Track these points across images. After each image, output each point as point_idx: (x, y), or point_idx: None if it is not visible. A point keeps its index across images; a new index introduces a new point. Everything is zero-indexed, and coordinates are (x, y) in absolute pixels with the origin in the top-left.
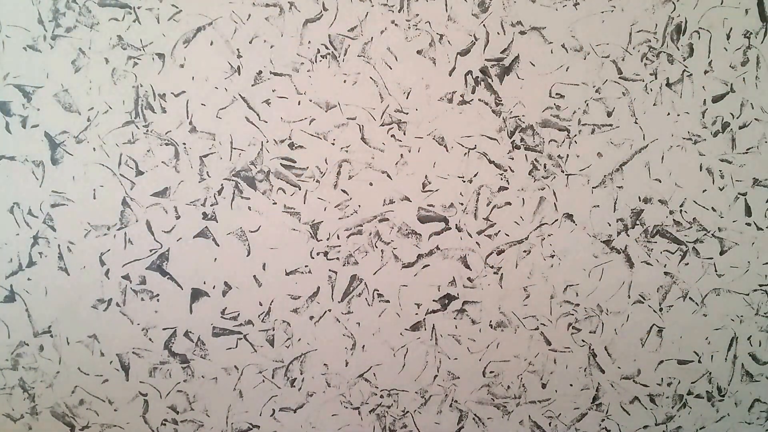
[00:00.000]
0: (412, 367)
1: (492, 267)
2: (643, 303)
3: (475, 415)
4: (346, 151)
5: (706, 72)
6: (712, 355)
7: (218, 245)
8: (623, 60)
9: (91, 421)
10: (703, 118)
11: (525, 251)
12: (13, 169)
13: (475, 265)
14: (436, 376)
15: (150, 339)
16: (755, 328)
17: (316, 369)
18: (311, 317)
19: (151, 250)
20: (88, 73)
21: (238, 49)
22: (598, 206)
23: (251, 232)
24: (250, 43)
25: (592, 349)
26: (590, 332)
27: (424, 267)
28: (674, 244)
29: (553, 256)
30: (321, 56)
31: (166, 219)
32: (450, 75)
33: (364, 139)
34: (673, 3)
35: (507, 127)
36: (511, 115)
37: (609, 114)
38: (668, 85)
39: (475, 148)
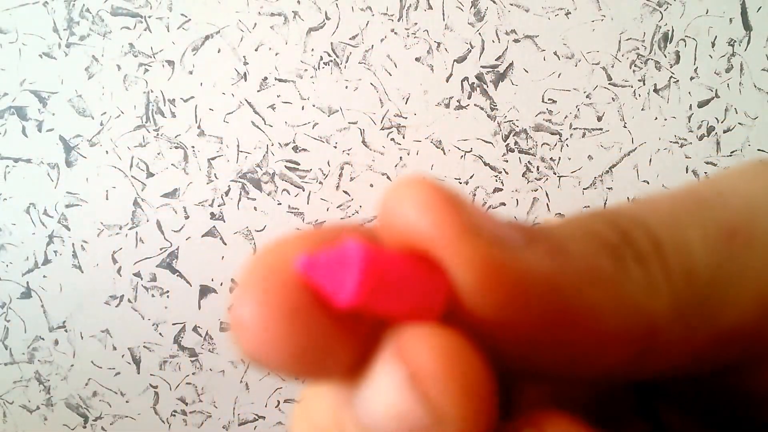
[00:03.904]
0: None
1: None
2: None
3: None
4: (348, 154)
5: (692, 78)
6: None
7: (225, 244)
8: (612, 67)
9: (104, 412)
10: (689, 122)
11: None
12: (29, 171)
13: None
14: None
15: (160, 334)
16: None
17: None
18: None
19: (161, 249)
20: (101, 79)
21: (244, 57)
22: (588, 207)
23: (257, 231)
24: (256, 50)
25: None
26: None
27: None
28: None
29: None
30: (324, 63)
31: (175, 219)
32: (447, 81)
33: (365, 143)
34: (661, 12)
35: (501, 131)
36: (505, 119)
37: (599, 118)
38: (656, 90)
39: (471, 151)
